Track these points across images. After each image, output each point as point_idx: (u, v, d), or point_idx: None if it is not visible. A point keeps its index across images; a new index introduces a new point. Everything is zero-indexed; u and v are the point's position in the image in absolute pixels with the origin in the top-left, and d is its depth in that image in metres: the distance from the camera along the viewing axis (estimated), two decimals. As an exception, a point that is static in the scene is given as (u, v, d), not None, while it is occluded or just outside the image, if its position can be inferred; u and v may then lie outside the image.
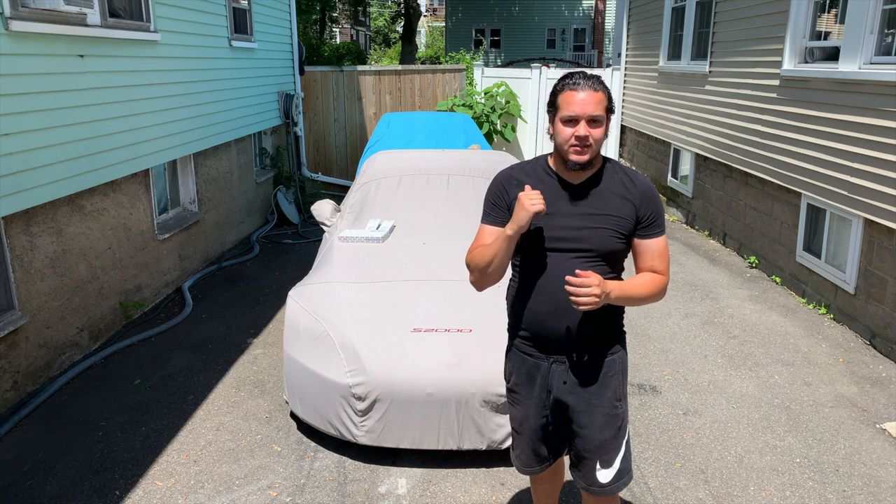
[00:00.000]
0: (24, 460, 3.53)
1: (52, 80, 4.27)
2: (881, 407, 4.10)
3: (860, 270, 5.11)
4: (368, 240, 4.47)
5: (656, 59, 9.73)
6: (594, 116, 2.07)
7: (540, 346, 2.27)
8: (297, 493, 3.28)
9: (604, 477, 2.28)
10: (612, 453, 2.28)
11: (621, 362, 2.30)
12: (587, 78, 2.10)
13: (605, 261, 2.18)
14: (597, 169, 2.20)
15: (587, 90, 2.07)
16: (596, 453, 2.27)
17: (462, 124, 7.32)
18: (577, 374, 2.25)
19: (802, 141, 5.79)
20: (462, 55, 12.48)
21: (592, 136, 2.08)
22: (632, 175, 2.23)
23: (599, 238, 2.14)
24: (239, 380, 4.42)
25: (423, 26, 45.78)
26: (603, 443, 2.26)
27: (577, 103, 2.06)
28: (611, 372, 2.26)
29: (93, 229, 4.86)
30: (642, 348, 4.90)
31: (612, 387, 2.27)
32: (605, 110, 2.10)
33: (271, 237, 8.11)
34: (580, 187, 2.18)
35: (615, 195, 2.17)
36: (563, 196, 2.18)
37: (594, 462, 2.28)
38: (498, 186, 2.27)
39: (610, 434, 2.26)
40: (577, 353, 2.24)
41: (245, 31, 7.95)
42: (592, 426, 2.25)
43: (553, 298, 2.17)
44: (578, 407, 2.26)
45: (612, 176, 2.20)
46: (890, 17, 4.93)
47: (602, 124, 2.10)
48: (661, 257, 2.20)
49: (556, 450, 2.45)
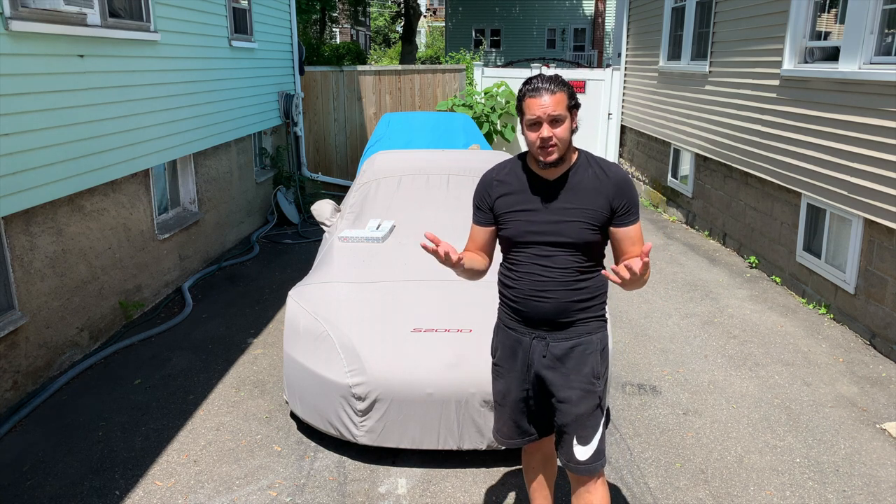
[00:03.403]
0: (24, 460, 3.53)
1: (51, 80, 4.27)
2: (881, 407, 4.10)
3: (860, 270, 5.11)
4: (368, 240, 4.47)
5: (656, 59, 9.72)
6: (555, 116, 2.19)
7: (523, 322, 2.40)
8: (297, 493, 3.28)
9: (581, 454, 2.35)
10: (590, 430, 2.35)
11: (600, 342, 2.40)
12: (546, 80, 2.21)
13: (583, 251, 2.30)
14: (571, 164, 2.32)
15: (545, 94, 2.19)
16: (573, 428, 2.35)
17: (462, 124, 7.32)
18: (555, 350, 2.36)
19: (802, 141, 5.79)
20: (462, 55, 12.48)
21: (556, 136, 2.20)
22: (605, 167, 2.34)
23: (574, 230, 2.27)
24: (239, 380, 4.42)
25: (423, 26, 45.78)
26: (579, 416, 2.34)
27: (537, 107, 2.19)
28: (588, 350, 2.36)
29: (93, 229, 4.86)
30: (642, 348, 4.90)
31: (590, 364, 2.36)
32: (567, 108, 2.22)
33: (271, 237, 8.11)
34: (555, 183, 2.31)
35: (589, 188, 2.29)
36: (539, 192, 2.32)
37: (572, 438, 2.36)
38: (481, 189, 2.44)
39: (587, 409, 2.34)
40: (557, 330, 2.36)
41: (245, 31, 7.95)
42: (570, 401, 2.34)
43: (535, 281, 2.33)
44: (556, 381, 2.36)
45: (587, 170, 2.32)
46: (890, 17, 4.93)
47: (564, 122, 2.21)
48: (639, 242, 2.32)
49: (539, 425, 2.52)
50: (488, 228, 2.44)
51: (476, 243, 2.48)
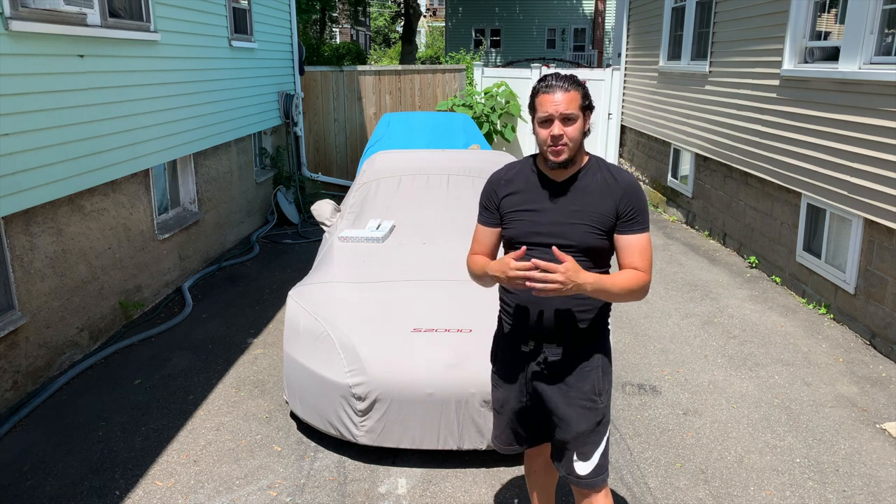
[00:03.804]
0: (24, 460, 3.53)
1: (52, 80, 4.27)
2: (881, 407, 4.10)
3: (860, 270, 5.11)
4: (368, 240, 4.47)
5: (656, 59, 9.72)
6: (567, 115, 2.14)
7: (522, 333, 2.34)
8: (297, 493, 3.28)
9: (582, 469, 2.31)
10: (590, 447, 2.30)
11: (603, 357, 2.34)
12: (560, 79, 2.17)
13: (587, 256, 2.23)
14: (580, 166, 2.27)
15: (559, 91, 2.15)
16: (574, 444, 2.30)
17: (462, 124, 7.32)
18: (554, 365, 2.31)
19: (802, 141, 5.79)
20: (462, 55, 12.49)
21: (567, 135, 2.15)
22: (615, 172, 2.28)
23: (578, 234, 2.21)
24: (239, 380, 4.42)
25: (423, 26, 45.78)
26: (580, 435, 2.29)
27: (550, 104, 2.14)
28: (589, 367, 2.30)
29: (93, 229, 4.86)
30: (642, 348, 4.90)
31: (591, 381, 2.30)
32: (580, 108, 2.17)
33: (271, 237, 8.11)
34: (563, 185, 2.26)
35: (596, 192, 2.23)
36: (546, 193, 2.26)
37: (572, 454, 2.32)
38: (489, 188, 2.38)
39: (587, 427, 2.29)
40: (557, 344, 2.30)
41: (245, 31, 7.95)
42: (570, 418, 2.29)
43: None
44: (555, 398, 2.32)
45: (596, 173, 2.26)
46: (890, 17, 4.93)
47: (576, 122, 2.16)
48: (642, 255, 2.22)
49: (537, 433, 2.48)
50: (496, 229, 2.37)
51: (483, 245, 2.40)
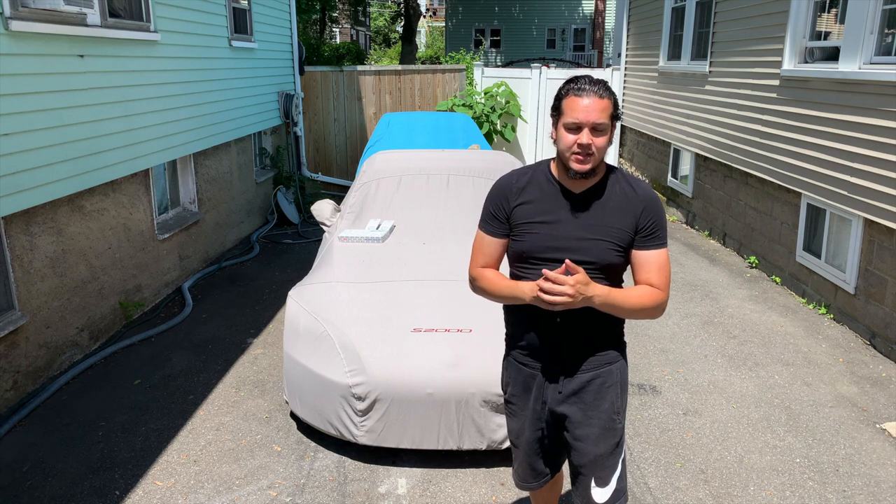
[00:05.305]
0: (24, 460, 3.53)
1: (52, 80, 4.27)
2: (881, 407, 4.10)
3: (860, 270, 5.11)
4: (368, 240, 4.47)
5: (656, 59, 9.72)
6: (597, 125, 2.00)
7: (535, 356, 2.21)
8: (297, 493, 3.28)
9: (599, 496, 2.20)
10: (608, 471, 2.19)
11: (620, 373, 2.22)
12: (593, 83, 2.02)
13: (603, 273, 2.10)
14: (600, 178, 2.13)
15: (592, 97, 2.00)
16: (591, 469, 2.19)
17: (462, 124, 7.32)
18: (572, 385, 2.18)
19: (802, 141, 5.79)
20: (462, 55, 12.48)
21: (595, 145, 2.01)
22: (635, 184, 2.15)
23: (599, 250, 2.07)
24: (239, 380, 4.42)
25: (423, 26, 45.77)
26: (598, 457, 2.18)
27: (581, 110, 1.99)
28: (608, 383, 2.19)
29: (93, 229, 4.86)
30: (642, 348, 4.90)
31: (610, 399, 2.19)
32: (610, 118, 2.03)
33: (271, 237, 8.11)
34: (582, 196, 2.11)
35: (617, 206, 2.10)
36: (564, 205, 2.11)
37: (589, 479, 2.20)
38: (498, 195, 2.19)
39: (606, 449, 2.18)
40: (574, 363, 2.18)
41: (245, 31, 7.94)
42: (588, 439, 2.18)
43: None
44: (574, 418, 2.20)
45: (615, 186, 2.13)
46: (890, 17, 4.93)
47: (606, 133, 2.02)
48: (660, 272, 2.08)
49: (554, 464, 2.40)
50: (503, 241, 2.19)
51: (491, 258, 2.21)
